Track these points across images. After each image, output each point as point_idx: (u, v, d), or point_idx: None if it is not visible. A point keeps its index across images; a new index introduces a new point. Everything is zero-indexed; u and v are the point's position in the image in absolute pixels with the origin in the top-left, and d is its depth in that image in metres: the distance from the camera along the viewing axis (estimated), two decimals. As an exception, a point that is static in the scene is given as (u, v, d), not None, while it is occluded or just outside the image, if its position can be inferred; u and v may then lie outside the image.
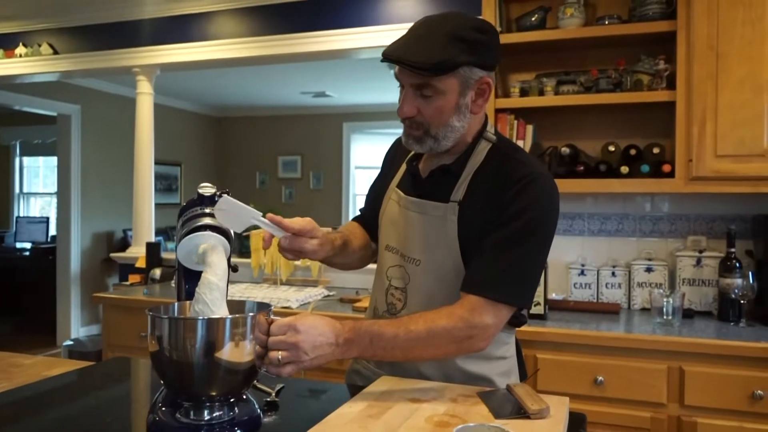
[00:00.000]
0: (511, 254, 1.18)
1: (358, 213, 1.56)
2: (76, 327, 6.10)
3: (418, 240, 1.28)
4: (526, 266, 1.20)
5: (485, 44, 1.18)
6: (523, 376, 1.38)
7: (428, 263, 1.26)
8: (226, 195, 1.14)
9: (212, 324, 0.98)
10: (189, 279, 1.20)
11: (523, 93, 2.62)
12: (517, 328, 1.37)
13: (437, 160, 1.30)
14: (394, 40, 1.18)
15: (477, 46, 1.17)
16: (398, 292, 1.31)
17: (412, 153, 1.35)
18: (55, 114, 6.10)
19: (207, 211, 1.16)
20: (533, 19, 2.57)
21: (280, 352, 1.03)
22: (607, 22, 2.48)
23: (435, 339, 1.14)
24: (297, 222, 1.21)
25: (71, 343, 4.88)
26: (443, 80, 1.16)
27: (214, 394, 1.01)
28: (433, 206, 1.27)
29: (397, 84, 1.23)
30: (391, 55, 1.15)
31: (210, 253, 1.11)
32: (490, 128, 1.30)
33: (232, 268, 1.17)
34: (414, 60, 1.13)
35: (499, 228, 1.19)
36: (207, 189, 1.18)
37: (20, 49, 4.18)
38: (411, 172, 1.34)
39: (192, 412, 1.02)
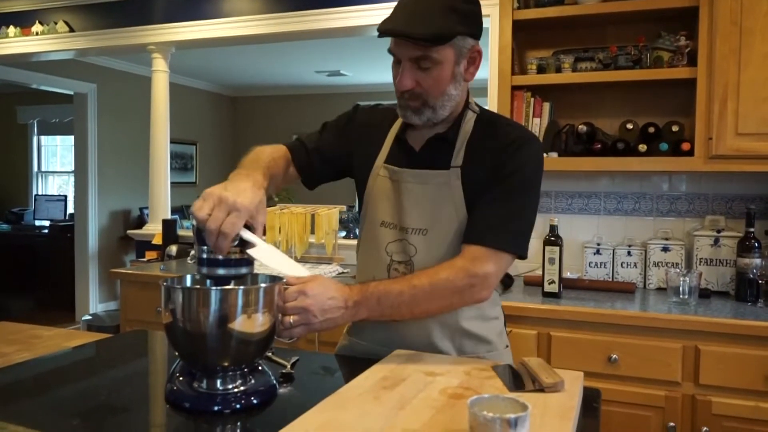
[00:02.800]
0: (509, 207, 1.25)
1: (297, 141, 1.44)
2: (94, 303, 6.20)
3: (422, 210, 1.31)
4: (523, 217, 1.28)
5: (475, 14, 1.26)
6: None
7: (436, 231, 1.30)
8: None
9: (224, 294, 1.00)
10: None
11: (540, 70, 2.58)
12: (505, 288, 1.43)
13: (429, 131, 1.33)
14: (386, 18, 1.23)
15: (468, 15, 1.24)
16: (402, 266, 1.33)
17: (398, 129, 1.37)
18: (71, 93, 6.14)
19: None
20: (551, -6, 2.53)
21: (292, 317, 1.12)
22: (627, -3, 2.43)
23: (438, 291, 1.21)
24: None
25: (90, 317, 4.96)
26: (441, 51, 1.21)
27: (226, 364, 1.03)
28: (434, 174, 1.31)
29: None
30: (393, 30, 1.20)
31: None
32: (472, 100, 1.37)
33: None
34: (416, 33, 1.18)
35: (496, 184, 1.26)
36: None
37: (36, 27, 4.20)
38: (403, 146, 1.37)
39: (208, 382, 1.04)
